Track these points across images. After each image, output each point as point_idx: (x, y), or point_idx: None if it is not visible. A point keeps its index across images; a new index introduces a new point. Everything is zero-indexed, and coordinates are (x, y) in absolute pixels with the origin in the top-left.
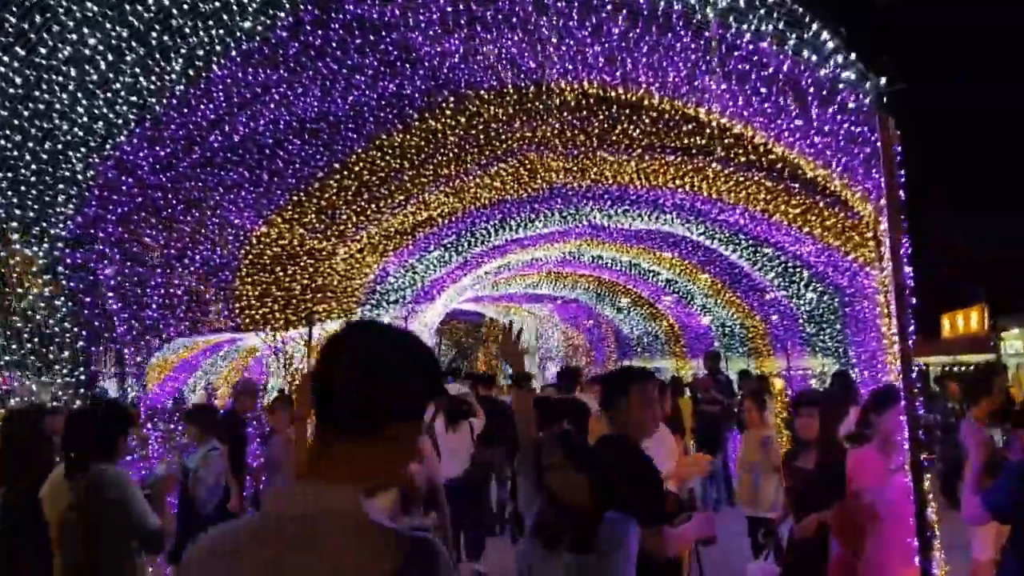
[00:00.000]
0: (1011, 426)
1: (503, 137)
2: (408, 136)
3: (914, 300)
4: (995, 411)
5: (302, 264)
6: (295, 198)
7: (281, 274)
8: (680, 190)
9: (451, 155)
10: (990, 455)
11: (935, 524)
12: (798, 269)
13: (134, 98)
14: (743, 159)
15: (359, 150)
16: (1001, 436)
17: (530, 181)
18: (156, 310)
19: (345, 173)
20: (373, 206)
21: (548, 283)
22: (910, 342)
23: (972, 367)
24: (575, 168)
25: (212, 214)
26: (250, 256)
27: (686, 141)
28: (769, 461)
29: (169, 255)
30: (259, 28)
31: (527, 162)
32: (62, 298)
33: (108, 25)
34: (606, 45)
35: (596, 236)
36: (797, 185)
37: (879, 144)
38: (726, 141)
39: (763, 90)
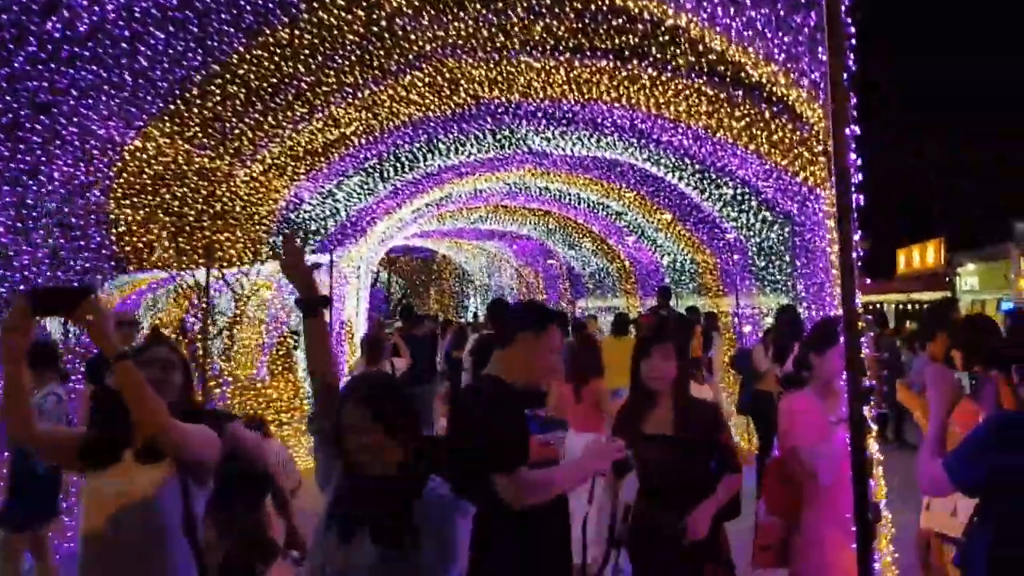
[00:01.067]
0: (982, 367)
1: (412, 37)
2: (296, 32)
3: (861, 199)
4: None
5: (193, 186)
6: (171, 106)
7: (168, 196)
8: (616, 104)
9: (353, 59)
10: (956, 402)
11: (880, 502)
12: (747, 197)
13: None
14: (681, 61)
15: (240, 48)
16: (969, 381)
17: (452, 95)
18: (4, 234)
19: (228, 77)
20: (270, 119)
21: (497, 218)
22: (857, 251)
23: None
24: (500, 79)
25: (68, 122)
26: (125, 174)
27: (617, 41)
28: None
29: (16, 170)
30: None
31: (445, 70)
32: None
33: None
34: None
35: (539, 165)
36: (740, 92)
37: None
38: (660, 38)
39: None
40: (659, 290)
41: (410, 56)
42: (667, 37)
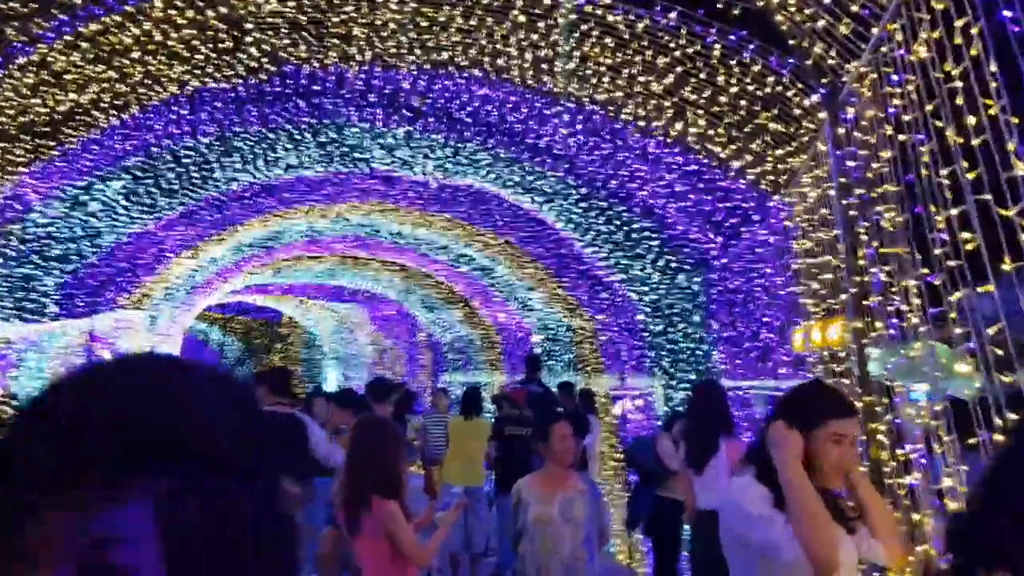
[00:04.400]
0: None
1: None
2: None
3: None
4: None
5: None
6: None
7: None
8: (476, 71)
9: None
10: None
11: None
12: (644, 235)
13: None
14: None
15: None
16: None
17: (234, 47)
18: None
19: None
20: None
21: (345, 271)
22: None
23: None
24: (304, 18)
25: None
26: None
27: None
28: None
29: None
30: None
31: None
32: None
33: None
34: None
35: (387, 196)
36: (673, 16)
37: None
38: None
39: None
40: (527, 360)
41: None
42: None
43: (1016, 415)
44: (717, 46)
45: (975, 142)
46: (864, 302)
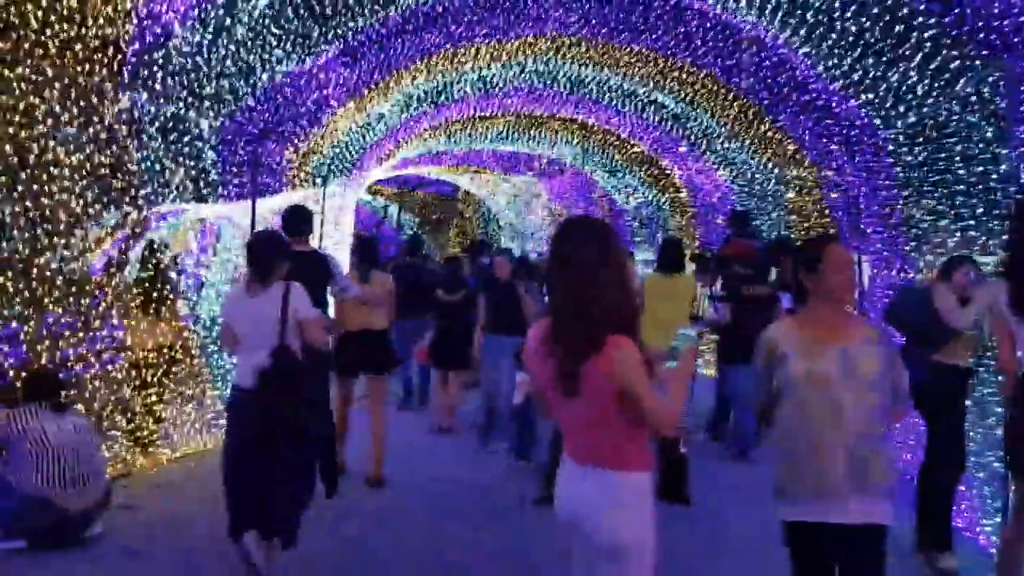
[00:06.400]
0: None
1: None
2: None
3: None
4: None
5: None
6: None
7: None
8: None
9: None
10: None
11: None
12: (913, 28)
13: None
14: None
15: None
16: None
17: None
18: None
19: None
20: None
21: (520, 132)
22: None
23: None
24: None
25: None
26: None
27: None
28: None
29: None
30: None
31: None
32: None
33: None
34: None
35: (564, 25)
36: None
37: None
38: None
39: None
40: (734, 216)
41: None
42: None
43: None
44: None
45: None
46: None
